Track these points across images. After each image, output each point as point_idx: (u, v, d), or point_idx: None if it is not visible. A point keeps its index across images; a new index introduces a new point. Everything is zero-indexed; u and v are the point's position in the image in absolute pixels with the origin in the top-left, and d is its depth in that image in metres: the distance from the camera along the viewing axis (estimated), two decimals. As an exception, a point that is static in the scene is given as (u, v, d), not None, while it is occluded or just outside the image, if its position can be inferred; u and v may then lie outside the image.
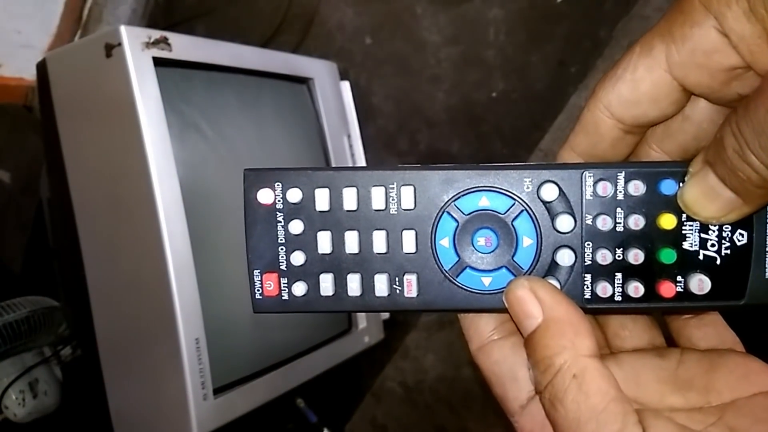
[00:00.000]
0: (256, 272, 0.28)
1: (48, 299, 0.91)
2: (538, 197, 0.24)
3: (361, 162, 0.93)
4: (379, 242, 0.25)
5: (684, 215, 0.23)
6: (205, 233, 0.66)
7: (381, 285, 0.25)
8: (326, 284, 0.26)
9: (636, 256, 0.24)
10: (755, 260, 0.23)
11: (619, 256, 0.24)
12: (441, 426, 0.97)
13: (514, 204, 0.24)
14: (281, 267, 0.27)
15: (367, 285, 0.25)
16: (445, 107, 0.93)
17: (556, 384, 0.22)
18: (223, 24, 1.08)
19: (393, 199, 0.25)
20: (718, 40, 0.21)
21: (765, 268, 0.23)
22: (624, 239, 0.24)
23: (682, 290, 0.24)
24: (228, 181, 0.72)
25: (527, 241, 0.24)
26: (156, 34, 0.64)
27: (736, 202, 0.22)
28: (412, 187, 0.25)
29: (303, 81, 0.86)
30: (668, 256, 0.24)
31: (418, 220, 0.25)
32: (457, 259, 0.25)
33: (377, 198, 0.25)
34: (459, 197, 0.25)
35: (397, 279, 0.25)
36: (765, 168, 0.20)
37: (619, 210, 0.24)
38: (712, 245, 0.23)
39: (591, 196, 0.24)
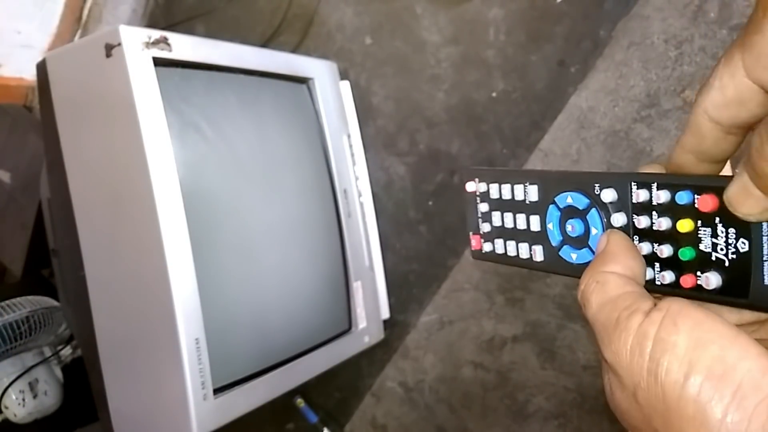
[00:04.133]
0: (470, 233, 0.38)
1: (48, 299, 0.91)
2: (603, 198, 0.31)
3: (361, 162, 0.93)
4: (521, 221, 0.35)
5: (700, 221, 0.27)
6: (205, 233, 0.66)
7: (523, 250, 0.35)
8: (499, 246, 0.37)
9: (663, 251, 0.29)
10: (754, 267, 0.26)
11: (654, 250, 0.29)
12: (441, 426, 0.97)
13: (589, 203, 0.32)
14: (480, 231, 0.38)
15: (517, 249, 0.35)
16: (445, 107, 0.93)
17: (585, 289, 0.28)
18: (223, 24, 1.08)
19: (527, 193, 0.34)
20: None
21: (763, 275, 0.25)
22: (657, 237, 0.29)
23: (699, 284, 0.28)
24: (228, 181, 0.72)
25: (595, 231, 0.32)
26: (156, 34, 0.64)
27: (765, 201, 0.24)
28: (536, 186, 0.34)
29: (303, 81, 0.86)
30: (687, 254, 0.28)
31: (539, 209, 0.34)
32: (560, 239, 0.33)
33: (518, 191, 0.35)
34: (557, 195, 0.33)
35: (532, 248, 0.35)
36: None
37: (654, 213, 0.29)
38: (721, 249, 0.27)
39: (635, 200, 0.30)
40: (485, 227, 0.37)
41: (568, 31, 0.85)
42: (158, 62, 0.63)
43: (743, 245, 0.26)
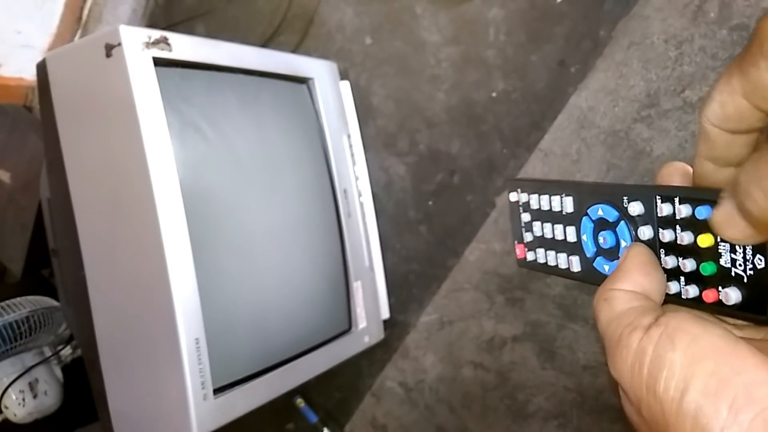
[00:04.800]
0: (515, 242, 0.39)
1: (48, 299, 0.91)
2: (630, 211, 0.31)
3: (361, 162, 0.93)
4: (558, 232, 0.35)
5: (719, 236, 0.27)
6: (205, 233, 0.66)
7: (562, 260, 0.36)
8: (540, 255, 0.37)
9: (686, 266, 0.29)
10: None
11: (678, 264, 0.29)
12: (441, 426, 0.97)
13: (618, 215, 0.32)
14: (524, 240, 0.38)
15: (557, 259, 0.36)
16: (445, 107, 0.93)
17: (595, 306, 0.29)
18: (223, 24, 1.08)
19: (563, 204, 0.35)
20: None
21: None
22: (680, 251, 0.29)
23: (720, 299, 0.28)
24: (228, 181, 0.72)
25: (624, 244, 0.32)
26: (156, 34, 0.64)
27: (749, 230, 0.25)
28: (571, 197, 0.34)
29: (303, 81, 0.86)
30: (708, 269, 0.28)
31: (574, 220, 0.34)
32: (594, 250, 0.34)
33: (555, 203, 0.35)
34: (590, 207, 0.33)
35: (570, 258, 0.35)
36: (764, 210, 0.23)
37: (678, 227, 0.29)
38: (740, 265, 0.27)
39: (660, 213, 0.30)
40: (528, 237, 0.38)
41: (568, 31, 0.85)
42: (158, 62, 0.63)
43: (760, 262, 0.26)
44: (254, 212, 0.74)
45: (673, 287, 0.30)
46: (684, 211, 0.28)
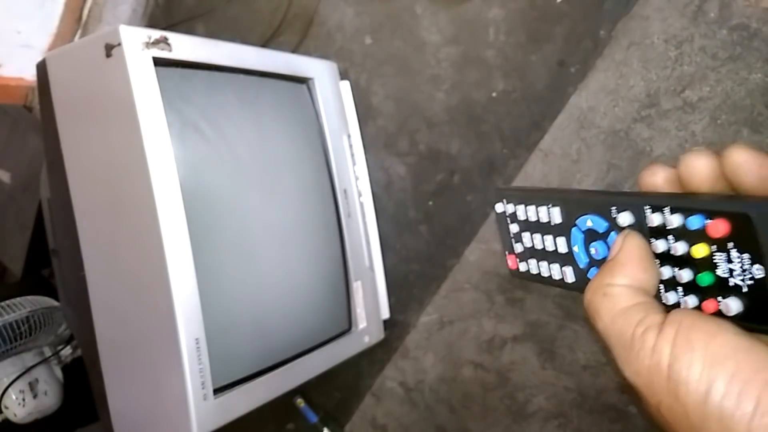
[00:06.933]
0: (506, 252, 0.38)
1: (48, 299, 0.91)
2: (620, 222, 0.30)
3: (361, 162, 0.93)
4: (549, 243, 0.34)
5: (714, 246, 0.26)
6: (205, 233, 0.66)
7: (555, 271, 0.34)
8: (533, 266, 0.36)
9: (683, 276, 0.28)
10: None
11: (674, 274, 0.28)
12: (441, 426, 0.97)
13: (608, 226, 0.30)
14: (515, 251, 0.37)
15: (550, 270, 0.35)
16: (445, 107, 0.93)
17: (592, 300, 0.28)
18: (223, 24, 1.08)
19: (550, 215, 0.33)
20: None
21: None
22: (675, 261, 0.28)
23: (720, 309, 0.27)
24: (228, 181, 0.72)
25: None
26: (156, 34, 0.64)
27: None
28: (558, 208, 0.33)
29: (303, 81, 0.86)
30: (706, 279, 0.27)
31: (564, 231, 0.33)
32: (587, 261, 0.32)
33: (542, 213, 0.33)
34: (578, 218, 0.32)
35: (563, 269, 0.34)
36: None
37: (670, 237, 0.28)
38: (738, 275, 0.26)
39: (650, 224, 0.28)
40: (518, 247, 0.37)
41: (568, 31, 0.85)
42: (158, 62, 0.63)
43: (759, 271, 0.25)
44: (254, 212, 0.74)
45: (672, 298, 0.29)
46: (675, 221, 0.27)
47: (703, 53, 0.76)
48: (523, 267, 0.36)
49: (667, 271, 0.28)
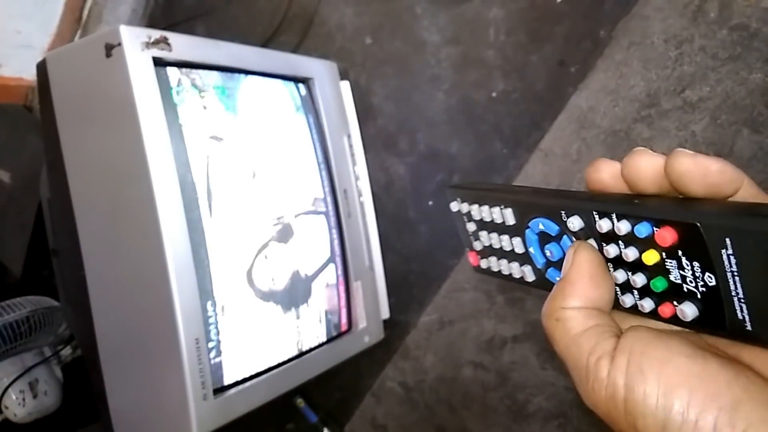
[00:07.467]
0: (466, 249, 0.37)
1: (48, 299, 0.91)
2: (570, 227, 0.29)
3: (361, 162, 0.93)
4: (506, 243, 0.34)
5: (664, 253, 0.26)
6: (205, 233, 0.66)
7: (515, 269, 0.34)
8: (494, 263, 0.35)
9: (637, 282, 0.27)
10: (725, 301, 0.24)
11: (628, 278, 0.28)
12: (441, 426, 0.97)
13: (559, 230, 0.30)
14: (474, 249, 0.37)
15: (510, 268, 0.34)
16: (445, 107, 0.93)
17: (547, 325, 0.28)
18: (223, 24, 1.08)
19: (504, 216, 0.33)
20: None
21: (734, 309, 0.24)
22: (628, 266, 0.27)
23: (676, 314, 0.26)
24: (228, 181, 0.72)
25: None
26: (156, 34, 0.64)
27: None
28: (510, 209, 0.33)
29: (303, 81, 0.86)
30: (659, 285, 0.26)
31: (518, 231, 0.33)
32: (544, 261, 0.32)
33: (496, 214, 0.33)
34: (530, 220, 0.31)
35: (522, 268, 0.33)
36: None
37: (620, 243, 0.27)
38: (690, 281, 0.25)
39: (600, 229, 0.28)
40: (477, 245, 0.36)
41: (568, 31, 0.85)
42: (158, 62, 0.63)
43: (710, 279, 0.24)
44: (254, 212, 0.74)
45: (628, 301, 0.28)
46: (623, 228, 0.26)
47: (703, 53, 0.76)
48: (484, 264, 0.36)
49: (621, 275, 0.28)
